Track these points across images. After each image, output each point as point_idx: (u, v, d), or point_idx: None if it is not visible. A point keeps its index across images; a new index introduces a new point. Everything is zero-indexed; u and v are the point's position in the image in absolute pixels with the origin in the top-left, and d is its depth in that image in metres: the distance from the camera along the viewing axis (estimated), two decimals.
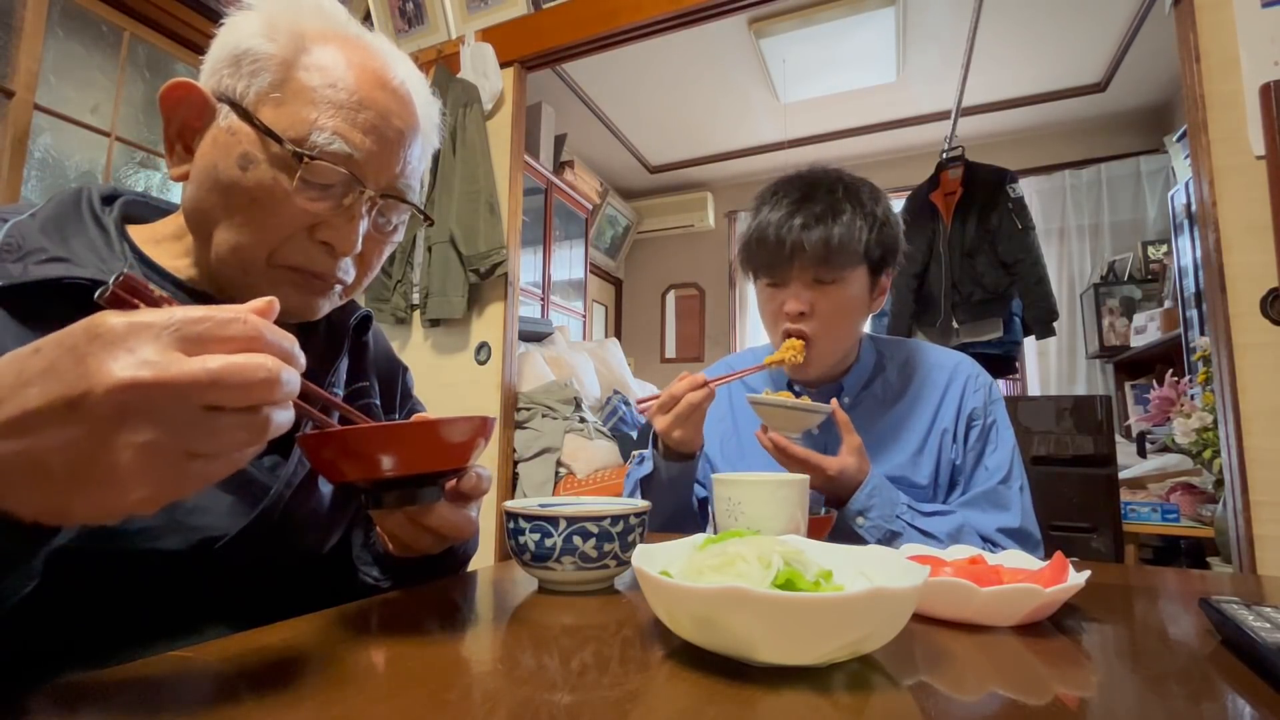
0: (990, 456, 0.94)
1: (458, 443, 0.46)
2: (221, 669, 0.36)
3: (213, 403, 0.28)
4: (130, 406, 0.27)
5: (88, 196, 0.58)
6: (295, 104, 0.53)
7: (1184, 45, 1.57)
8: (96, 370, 0.27)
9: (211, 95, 0.55)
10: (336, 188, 0.55)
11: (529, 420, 2.45)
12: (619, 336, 4.73)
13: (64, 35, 2.08)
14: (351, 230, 0.56)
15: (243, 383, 0.29)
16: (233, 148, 0.53)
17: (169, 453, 0.28)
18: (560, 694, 0.33)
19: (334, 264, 0.57)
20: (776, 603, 0.34)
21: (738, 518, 0.70)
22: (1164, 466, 2.32)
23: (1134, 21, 2.92)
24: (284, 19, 0.55)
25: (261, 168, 0.53)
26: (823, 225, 0.89)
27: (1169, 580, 0.70)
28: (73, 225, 0.54)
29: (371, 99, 0.56)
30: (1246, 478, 1.41)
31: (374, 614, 0.48)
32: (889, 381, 1.02)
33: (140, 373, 0.27)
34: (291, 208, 0.54)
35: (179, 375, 0.27)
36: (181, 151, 0.57)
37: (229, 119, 0.54)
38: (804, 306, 0.92)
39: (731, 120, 3.91)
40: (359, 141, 0.54)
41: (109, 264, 0.53)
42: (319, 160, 0.53)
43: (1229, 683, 0.37)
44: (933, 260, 2.75)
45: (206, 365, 0.28)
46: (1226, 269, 1.47)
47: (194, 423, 0.28)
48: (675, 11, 2.17)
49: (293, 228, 0.55)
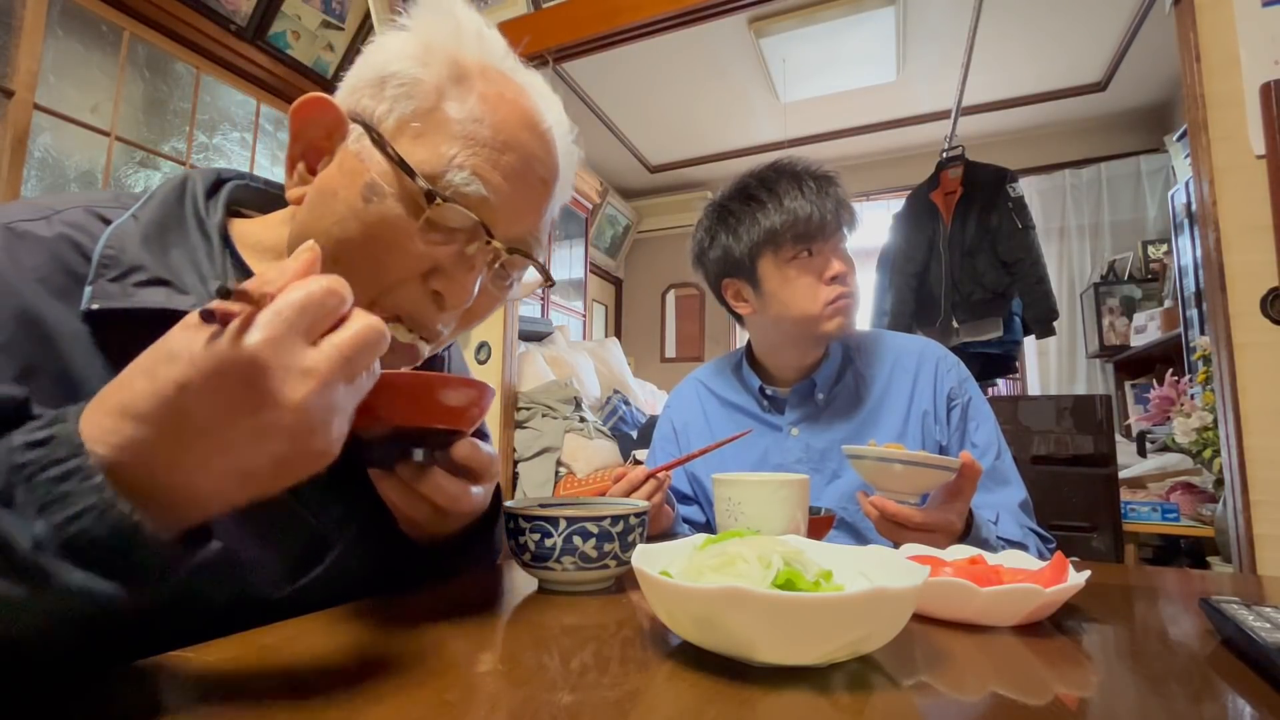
0: (976, 434, 0.96)
1: (451, 405, 0.45)
2: (221, 669, 0.36)
3: (354, 372, 0.34)
4: (312, 413, 0.31)
5: (193, 193, 0.53)
6: (435, 137, 0.49)
7: (1184, 44, 1.57)
8: (276, 399, 0.31)
9: (347, 115, 0.50)
10: (461, 233, 0.50)
11: (529, 420, 2.45)
12: (619, 336, 4.73)
13: (64, 35, 2.08)
14: (469, 282, 0.51)
15: (371, 348, 0.34)
16: (359, 175, 0.48)
17: (340, 417, 0.34)
18: (560, 694, 0.33)
19: (439, 317, 0.52)
20: (776, 603, 0.34)
21: (738, 518, 0.70)
22: (1164, 466, 2.32)
23: (1134, 21, 2.92)
24: (441, 44, 0.51)
25: (387, 202, 0.48)
26: (841, 191, 0.97)
27: (1169, 580, 0.70)
28: (175, 232, 0.50)
29: (518, 141, 0.51)
30: (1246, 477, 1.40)
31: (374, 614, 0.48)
32: (859, 372, 1.03)
33: (308, 384, 0.31)
34: (410, 249, 0.49)
35: (331, 369, 0.32)
36: (304, 172, 0.52)
37: (360, 143, 0.49)
38: (847, 267, 0.97)
39: (731, 120, 3.91)
40: (498, 184, 0.50)
41: (209, 285, 0.49)
42: (450, 202, 0.48)
43: (1229, 683, 0.37)
44: (933, 259, 2.76)
45: (342, 352, 0.32)
46: (1227, 268, 1.47)
47: (351, 390, 0.34)
48: (675, 11, 2.17)
49: (406, 272, 0.49)
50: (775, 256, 0.96)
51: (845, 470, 0.96)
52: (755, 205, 0.97)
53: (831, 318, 0.95)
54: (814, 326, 0.95)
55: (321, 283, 0.32)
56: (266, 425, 0.31)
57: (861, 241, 1.16)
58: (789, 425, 1.02)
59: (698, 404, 1.11)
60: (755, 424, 1.04)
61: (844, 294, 0.96)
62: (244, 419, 0.30)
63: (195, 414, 0.30)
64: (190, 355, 0.30)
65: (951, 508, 0.75)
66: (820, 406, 1.01)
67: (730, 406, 1.08)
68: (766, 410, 1.04)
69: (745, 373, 1.07)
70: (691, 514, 1.06)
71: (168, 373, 0.30)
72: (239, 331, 0.30)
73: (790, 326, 0.98)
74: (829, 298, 0.95)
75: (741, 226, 0.98)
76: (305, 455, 0.33)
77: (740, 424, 1.05)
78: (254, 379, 0.30)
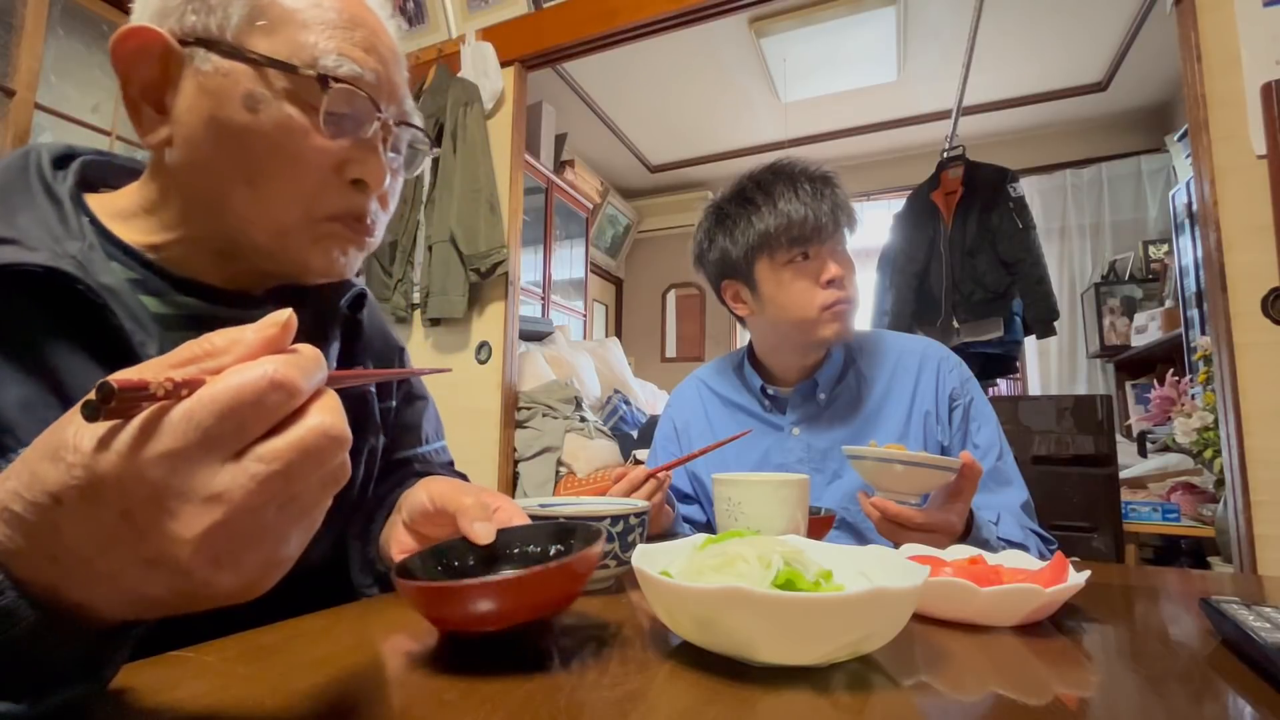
0: (978, 434, 0.96)
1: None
2: (221, 669, 0.36)
3: (295, 492, 0.25)
4: (218, 547, 0.24)
5: (36, 161, 0.50)
6: (287, 29, 0.47)
7: (1185, 44, 1.57)
8: (164, 532, 0.23)
9: (173, 40, 0.47)
10: (350, 119, 0.50)
11: (529, 420, 2.45)
12: (619, 336, 4.72)
13: (64, 34, 2.08)
14: (379, 162, 0.51)
15: (318, 456, 0.25)
16: (229, 91, 0.46)
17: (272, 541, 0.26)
18: (560, 694, 0.33)
19: (368, 204, 0.52)
20: (776, 603, 0.34)
21: (738, 518, 0.70)
22: (1165, 466, 2.31)
23: (1135, 21, 2.92)
24: None
25: (274, 106, 0.47)
26: (838, 193, 0.95)
27: (1169, 580, 0.70)
28: (19, 197, 0.48)
29: (359, 16, 0.51)
30: (1247, 477, 1.40)
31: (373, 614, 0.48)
32: (861, 373, 1.02)
33: (211, 515, 0.23)
34: (318, 146, 0.48)
35: (248, 496, 0.24)
36: (153, 113, 0.49)
37: (210, 60, 0.47)
38: (844, 269, 0.96)
39: (732, 119, 3.91)
40: (362, 59, 0.49)
41: (64, 244, 0.46)
42: (343, 84, 0.47)
43: (1229, 683, 0.37)
44: (933, 259, 2.75)
45: (271, 470, 0.24)
46: (1227, 268, 1.47)
47: (295, 507, 0.26)
48: (675, 11, 2.17)
49: (324, 170, 0.49)
50: (771, 260, 0.96)
51: (847, 471, 0.96)
52: (750, 208, 0.96)
53: (829, 323, 0.94)
54: (811, 331, 0.95)
55: (266, 371, 0.24)
56: (155, 559, 0.24)
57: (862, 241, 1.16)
58: (790, 425, 1.01)
59: (699, 403, 1.11)
60: (757, 424, 1.04)
61: (840, 299, 0.94)
62: (124, 549, 0.24)
63: (68, 535, 0.24)
64: (69, 462, 0.23)
65: (952, 508, 0.75)
66: (822, 407, 1.01)
67: (732, 406, 1.08)
68: (768, 410, 1.04)
69: (747, 372, 1.07)
70: (692, 513, 1.06)
71: (46, 475, 0.23)
72: (135, 438, 0.23)
73: (788, 330, 0.97)
74: (825, 302, 0.94)
75: (738, 229, 0.97)
76: (219, 592, 0.25)
77: (742, 424, 1.05)
78: (137, 505, 0.23)
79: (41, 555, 0.24)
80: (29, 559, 0.24)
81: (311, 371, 0.25)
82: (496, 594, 0.36)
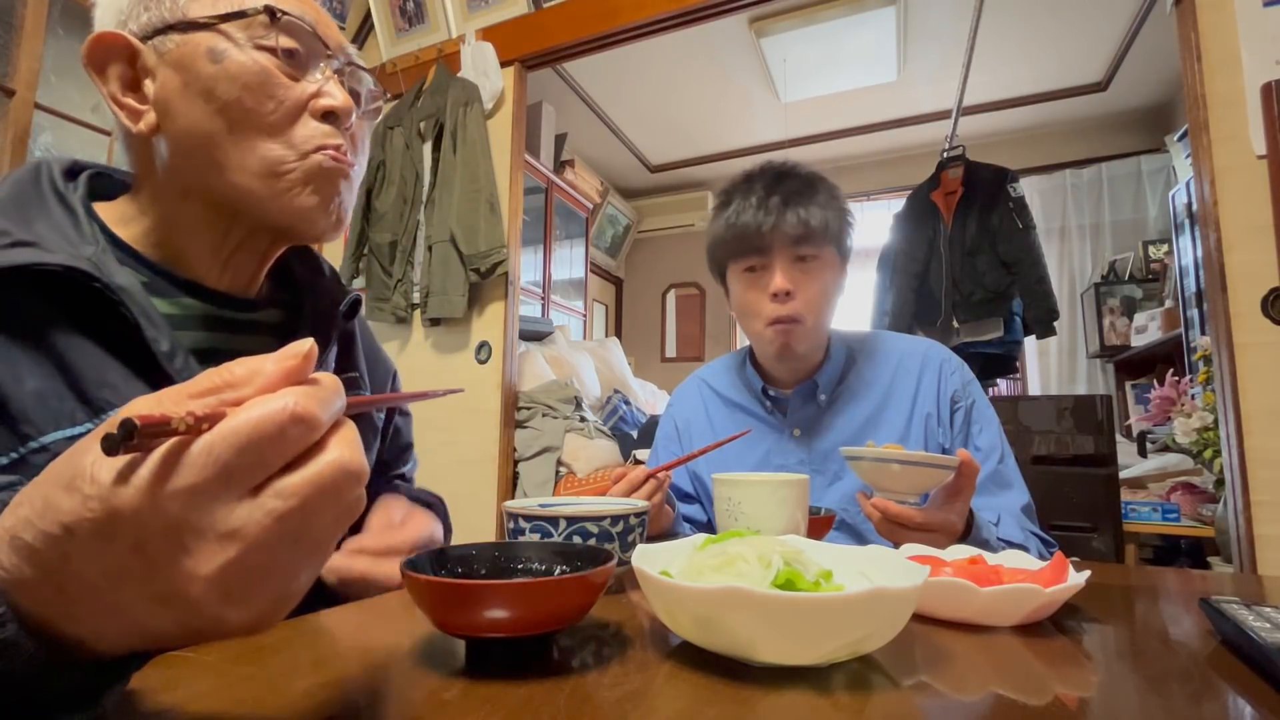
0: (979, 437, 0.96)
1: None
2: (221, 669, 0.36)
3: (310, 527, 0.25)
4: (231, 583, 0.24)
5: (48, 173, 0.54)
6: None
7: (1185, 44, 1.57)
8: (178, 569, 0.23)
9: (135, 39, 0.52)
10: (305, 55, 0.54)
11: (529, 419, 2.45)
12: (619, 336, 4.72)
13: (64, 34, 2.08)
14: (342, 92, 0.55)
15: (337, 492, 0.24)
16: (194, 54, 0.51)
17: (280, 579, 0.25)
18: (560, 694, 0.33)
19: (342, 140, 0.55)
20: (776, 603, 0.34)
21: (738, 518, 0.70)
22: (1164, 466, 2.31)
23: (1135, 21, 2.92)
24: None
25: (235, 52, 0.51)
26: (801, 202, 0.91)
27: (1169, 580, 0.70)
28: (34, 206, 0.51)
29: None
30: (1247, 477, 1.40)
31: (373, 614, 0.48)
32: (862, 374, 1.02)
33: (227, 553, 0.23)
34: (282, 83, 0.52)
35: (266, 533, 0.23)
36: (135, 104, 0.53)
37: (171, 40, 0.51)
38: (790, 284, 0.92)
39: (732, 119, 3.91)
40: (296, 7, 0.53)
41: (79, 248, 0.49)
42: (289, 16, 0.51)
43: (1229, 683, 0.37)
44: (933, 259, 2.75)
45: (289, 506, 0.23)
46: (1227, 268, 1.47)
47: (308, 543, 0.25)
48: (675, 11, 2.17)
49: (296, 105, 0.53)
50: (735, 265, 0.96)
51: (847, 473, 0.95)
52: (721, 210, 0.97)
53: (771, 340, 0.93)
54: (759, 344, 0.94)
55: (287, 405, 0.23)
56: (166, 594, 0.24)
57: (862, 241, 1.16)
58: (791, 426, 1.01)
59: (700, 403, 1.11)
60: (757, 424, 1.04)
61: (779, 315, 0.91)
62: (134, 584, 0.23)
63: (77, 567, 0.23)
64: (85, 494, 0.23)
65: (951, 508, 0.74)
66: (822, 408, 1.00)
67: (733, 406, 1.08)
68: (769, 411, 1.04)
69: (748, 373, 1.06)
70: (693, 513, 1.06)
71: (60, 505, 0.23)
72: (155, 472, 0.23)
73: (752, 337, 0.98)
74: (769, 317, 0.92)
75: (713, 229, 0.99)
76: (227, 628, 0.25)
77: (743, 424, 1.05)
78: (151, 540, 0.23)
79: (49, 586, 0.24)
80: (35, 589, 0.24)
81: (331, 402, 0.25)
82: (512, 598, 0.36)
